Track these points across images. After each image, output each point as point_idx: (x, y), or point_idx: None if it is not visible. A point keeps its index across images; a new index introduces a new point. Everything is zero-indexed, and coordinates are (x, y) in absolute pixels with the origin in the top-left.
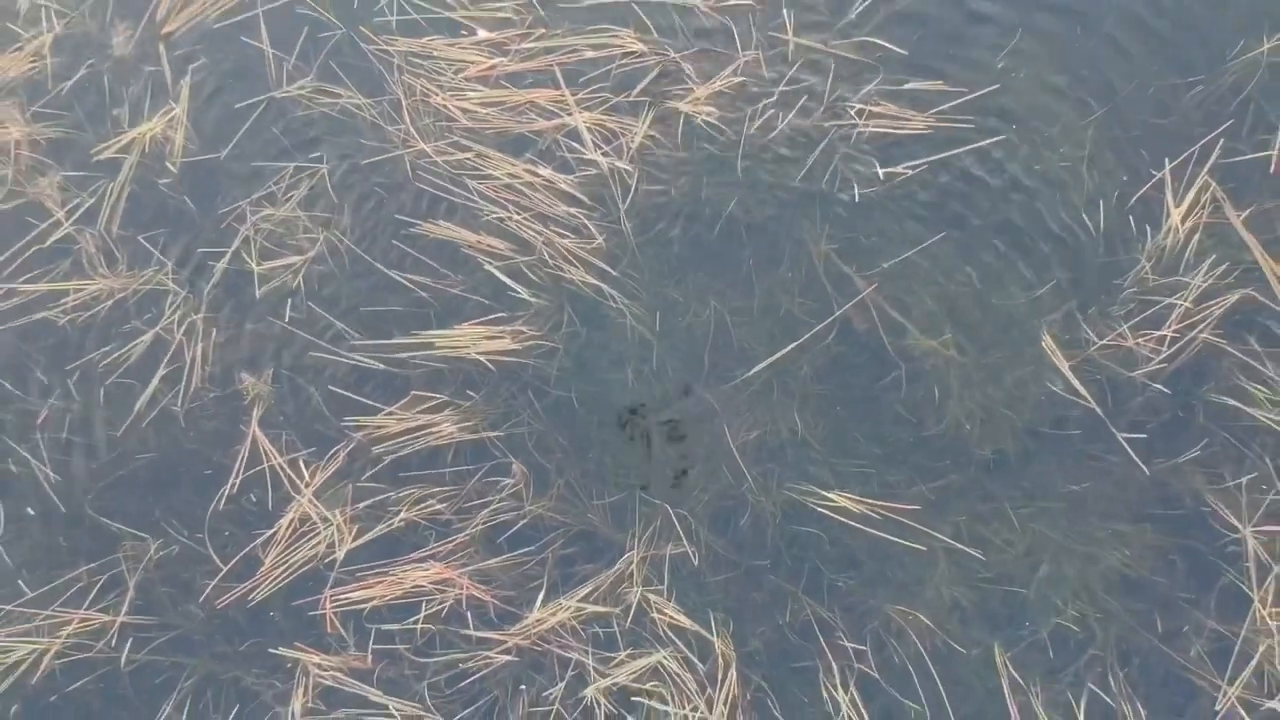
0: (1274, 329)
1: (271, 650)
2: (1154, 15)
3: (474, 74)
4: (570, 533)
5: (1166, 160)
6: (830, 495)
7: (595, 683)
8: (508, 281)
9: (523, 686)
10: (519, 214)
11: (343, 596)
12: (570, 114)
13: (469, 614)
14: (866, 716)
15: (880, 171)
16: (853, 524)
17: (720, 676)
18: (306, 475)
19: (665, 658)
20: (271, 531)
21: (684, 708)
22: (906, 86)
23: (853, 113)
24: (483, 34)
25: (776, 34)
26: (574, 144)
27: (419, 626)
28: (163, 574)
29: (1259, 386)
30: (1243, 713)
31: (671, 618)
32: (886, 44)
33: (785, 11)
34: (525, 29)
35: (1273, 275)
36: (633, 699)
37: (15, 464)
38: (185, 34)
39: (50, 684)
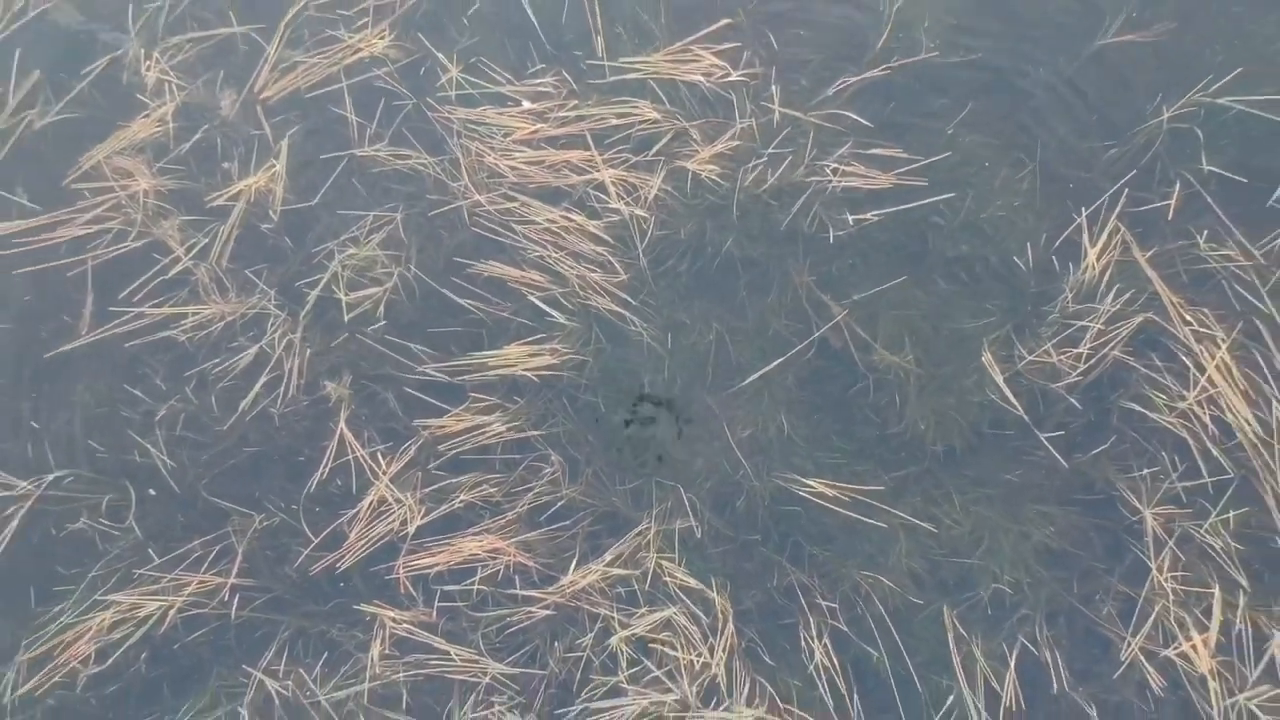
0: (1171, 347)
1: (355, 607)
2: (1076, 90)
3: (520, 138)
4: (598, 512)
5: (1084, 209)
6: (810, 482)
7: (618, 633)
8: (546, 308)
9: (558, 639)
10: (556, 252)
11: (413, 563)
12: (598, 171)
13: (516, 577)
14: (838, 663)
15: (851, 218)
16: (828, 505)
17: (720, 629)
18: (383, 465)
19: (676, 613)
20: (354, 511)
21: (691, 654)
22: (872, 151)
23: (828, 170)
24: (527, 105)
25: (767, 104)
26: (601, 195)
27: (475, 587)
28: (264, 544)
29: (1159, 394)
30: (1144, 660)
31: (681, 580)
32: (856, 116)
33: (773, 87)
34: (561, 100)
35: (1170, 303)
36: (649, 646)
37: (139, 454)
38: (280, 101)
39: (173, 635)
